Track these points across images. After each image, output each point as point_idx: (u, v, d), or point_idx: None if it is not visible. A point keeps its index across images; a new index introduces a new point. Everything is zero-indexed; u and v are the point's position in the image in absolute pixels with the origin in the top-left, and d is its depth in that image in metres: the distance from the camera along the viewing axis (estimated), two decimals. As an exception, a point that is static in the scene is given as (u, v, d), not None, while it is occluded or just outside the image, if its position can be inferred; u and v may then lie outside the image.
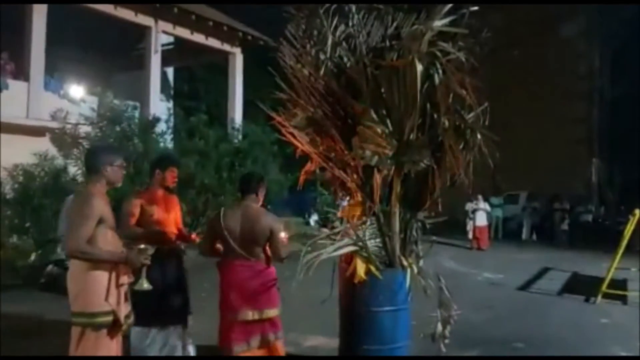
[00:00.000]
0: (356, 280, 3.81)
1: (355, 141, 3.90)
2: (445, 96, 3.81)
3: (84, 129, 11.38)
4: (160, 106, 14.02)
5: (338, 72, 3.99)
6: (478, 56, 3.84)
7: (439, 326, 3.99)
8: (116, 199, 3.56)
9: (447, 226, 5.31)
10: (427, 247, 4.30)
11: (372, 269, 3.84)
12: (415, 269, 4.03)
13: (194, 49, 15.89)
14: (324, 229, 4.81)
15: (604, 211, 22.05)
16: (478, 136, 3.94)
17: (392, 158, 3.89)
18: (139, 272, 3.09)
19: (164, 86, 15.85)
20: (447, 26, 3.66)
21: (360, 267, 3.84)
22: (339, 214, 5.23)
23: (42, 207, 9.43)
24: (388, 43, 3.87)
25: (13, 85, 11.44)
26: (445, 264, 11.03)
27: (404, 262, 4.02)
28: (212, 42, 15.43)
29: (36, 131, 11.35)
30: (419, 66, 3.56)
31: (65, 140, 11.38)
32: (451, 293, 3.99)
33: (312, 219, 17.88)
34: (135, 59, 14.96)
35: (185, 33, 14.69)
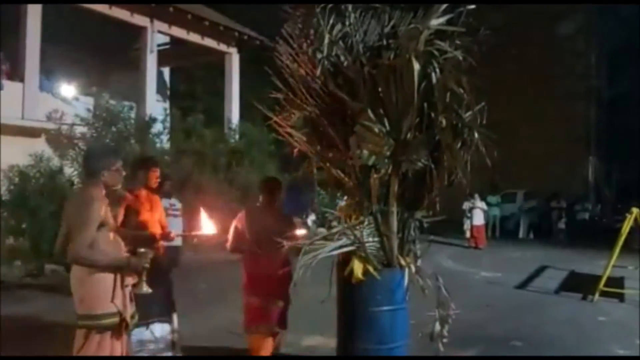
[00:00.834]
0: (354, 280, 3.80)
1: (352, 141, 3.89)
2: (442, 95, 3.80)
3: (80, 130, 11.35)
4: (156, 106, 13.99)
5: (335, 72, 3.97)
6: (476, 55, 3.83)
7: (437, 325, 3.97)
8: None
9: (445, 225, 5.30)
10: (425, 247, 4.30)
11: (370, 269, 3.82)
12: (413, 269, 4.01)
13: (190, 49, 15.86)
14: (322, 229, 4.80)
15: (601, 209, 22.10)
16: (476, 135, 3.93)
17: (390, 157, 3.88)
18: (140, 276, 3.09)
19: (160, 86, 15.81)
20: (444, 25, 3.65)
21: (358, 267, 3.82)
22: (337, 214, 5.22)
23: (38, 208, 9.39)
24: (385, 42, 3.85)
25: (8, 86, 11.39)
26: (443, 263, 11.04)
27: (402, 262, 4.00)
28: (209, 42, 15.40)
29: (32, 132, 11.31)
30: (416, 65, 3.55)
31: (61, 141, 11.35)
32: (449, 292, 3.99)
33: (310, 219, 17.85)
34: (131, 59, 14.91)
35: (181, 33, 14.66)
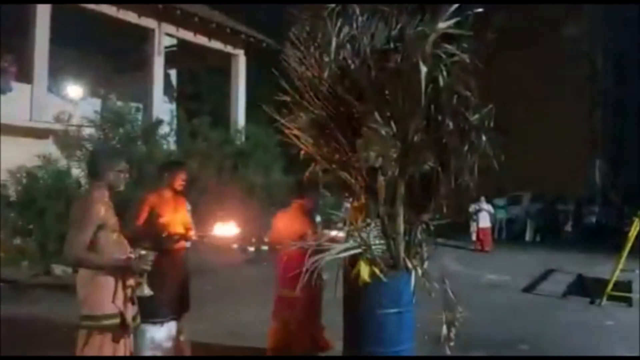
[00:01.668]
0: (360, 282, 3.80)
1: (359, 143, 3.89)
2: (449, 98, 3.80)
3: (87, 131, 11.40)
4: (163, 108, 14.06)
5: (342, 74, 3.97)
6: (483, 58, 3.83)
7: (444, 328, 3.97)
8: (121, 201, 3.58)
9: (451, 228, 5.30)
10: (432, 249, 4.29)
11: (377, 271, 3.82)
12: (419, 271, 4.01)
13: (197, 51, 15.91)
14: (328, 231, 4.84)
15: (608, 212, 21.98)
16: (483, 138, 3.93)
17: (397, 160, 3.88)
18: (141, 278, 3.11)
19: (167, 88, 15.87)
20: (452, 28, 3.65)
21: (364, 270, 3.82)
22: (342, 216, 5.26)
23: (46, 209, 9.44)
24: (392, 45, 3.84)
25: (17, 87, 11.47)
26: (449, 266, 11.01)
27: (409, 264, 4.00)
28: (215, 44, 15.46)
29: (40, 133, 11.38)
30: (424, 68, 3.55)
31: (68, 142, 11.40)
32: (456, 295, 3.98)
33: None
34: (138, 61, 14.99)
35: (188, 35, 14.72)
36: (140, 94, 13.85)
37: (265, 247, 6.49)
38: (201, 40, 15.01)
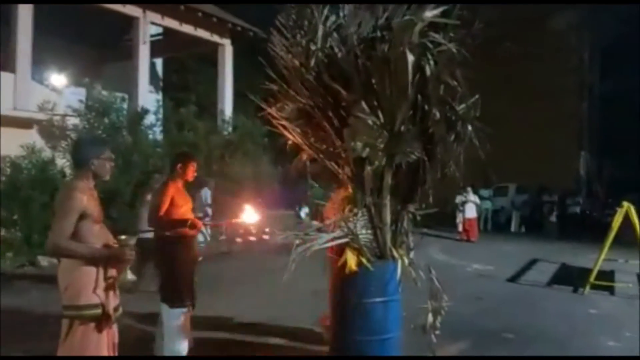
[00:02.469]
0: (347, 271, 3.81)
1: (346, 133, 3.88)
2: (436, 88, 3.80)
3: (72, 121, 11.27)
4: (149, 98, 13.91)
5: (329, 63, 3.95)
6: (469, 48, 3.83)
7: (430, 317, 4.00)
8: (107, 191, 3.55)
9: (437, 218, 5.33)
10: (418, 239, 4.31)
11: (363, 261, 3.84)
12: (406, 261, 4.03)
13: (183, 40, 15.74)
14: (315, 222, 4.82)
15: (592, 204, 22.25)
16: (469, 128, 3.94)
17: (384, 150, 3.88)
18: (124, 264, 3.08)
19: (153, 77, 15.71)
20: (438, 17, 3.64)
21: (351, 259, 3.84)
22: (329, 206, 5.24)
23: (30, 200, 9.34)
24: (379, 34, 3.83)
25: (0, 76, 11.27)
26: (435, 256, 11.09)
27: (395, 254, 4.02)
28: (202, 33, 15.29)
29: (23, 123, 11.22)
30: (410, 57, 3.55)
31: (53, 132, 11.27)
32: (441, 284, 4.01)
33: (303, 212, 17.85)
34: (123, 50, 14.79)
35: (174, 24, 14.54)
36: (125, 84, 13.67)
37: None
38: (187, 29, 14.83)
